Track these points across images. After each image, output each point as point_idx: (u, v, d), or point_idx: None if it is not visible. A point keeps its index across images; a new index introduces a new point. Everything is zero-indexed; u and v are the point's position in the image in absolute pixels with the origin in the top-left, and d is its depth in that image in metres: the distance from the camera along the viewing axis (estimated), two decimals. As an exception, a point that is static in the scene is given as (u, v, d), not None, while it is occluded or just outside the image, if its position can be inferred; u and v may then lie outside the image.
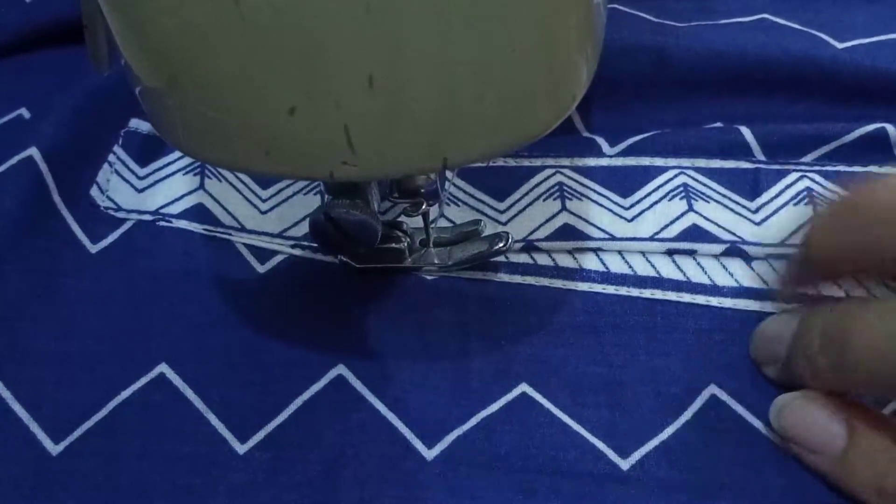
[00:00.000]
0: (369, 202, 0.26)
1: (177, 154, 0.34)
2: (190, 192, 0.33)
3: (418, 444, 0.27)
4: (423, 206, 0.28)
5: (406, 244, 0.30)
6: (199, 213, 0.32)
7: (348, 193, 0.25)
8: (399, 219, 0.31)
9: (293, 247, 0.32)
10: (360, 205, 0.25)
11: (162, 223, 0.32)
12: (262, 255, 0.32)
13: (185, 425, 0.28)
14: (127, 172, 0.34)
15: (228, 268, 0.31)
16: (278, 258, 0.31)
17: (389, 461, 0.27)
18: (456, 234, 0.30)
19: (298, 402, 0.28)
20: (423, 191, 0.27)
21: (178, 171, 0.34)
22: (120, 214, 0.33)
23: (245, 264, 0.31)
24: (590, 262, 0.30)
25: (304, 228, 0.32)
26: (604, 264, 0.30)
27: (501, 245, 0.29)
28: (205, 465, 0.27)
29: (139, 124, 0.35)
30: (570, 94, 0.23)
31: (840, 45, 0.33)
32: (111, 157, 0.34)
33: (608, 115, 0.34)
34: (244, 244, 0.32)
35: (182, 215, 0.32)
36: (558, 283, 0.30)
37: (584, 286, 0.30)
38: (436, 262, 0.30)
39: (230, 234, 0.32)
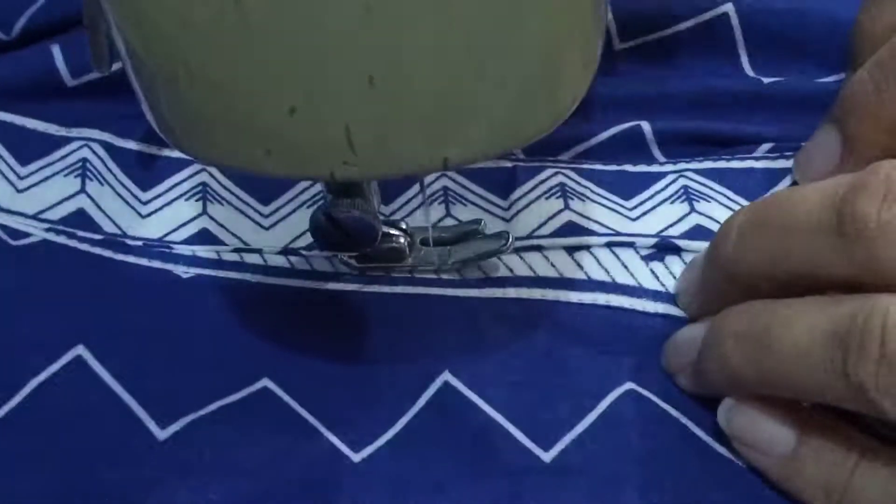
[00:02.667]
0: (370, 202, 0.26)
1: None
2: None
3: (151, 425, 0.27)
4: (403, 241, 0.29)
5: (406, 243, 0.30)
6: None
7: (349, 193, 0.26)
8: (399, 218, 0.31)
9: (47, 230, 0.32)
10: (360, 204, 0.25)
11: None
12: (17, 234, 0.32)
13: None
14: None
15: None
16: (32, 239, 0.32)
17: (121, 441, 0.27)
18: (456, 234, 0.30)
19: (34, 383, 0.28)
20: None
21: None
22: None
23: None
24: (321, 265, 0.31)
25: (60, 211, 0.32)
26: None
27: (502, 244, 0.29)
28: None
29: None
30: (571, 94, 0.23)
31: None
32: None
33: None
34: None
35: None
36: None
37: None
38: (436, 261, 0.30)
39: None
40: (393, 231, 0.30)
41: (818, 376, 0.22)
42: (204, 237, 0.32)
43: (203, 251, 0.31)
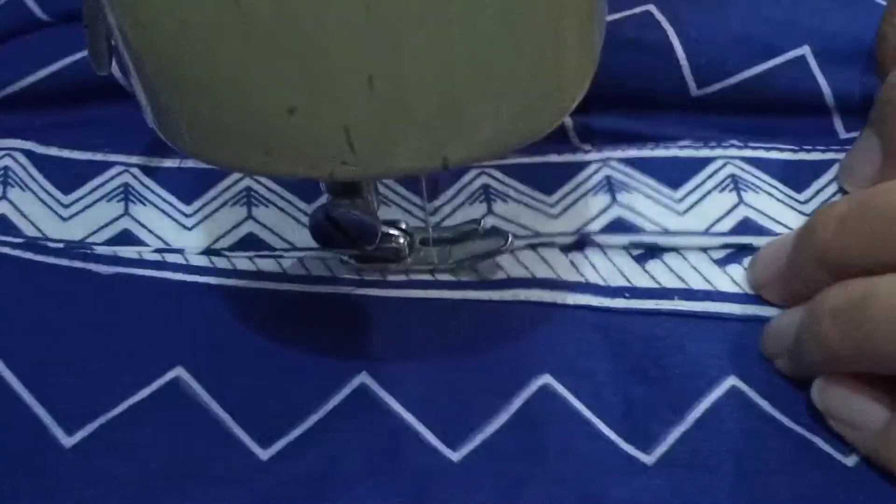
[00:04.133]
0: (369, 202, 0.26)
1: None
2: None
3: (58, 432, 0.27)
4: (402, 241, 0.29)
5: (406, 243, 0.30)
6: None
7: (348, 193, 0.25)
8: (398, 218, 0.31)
9: None
10: (359, 204, 0.25)
11: None
12: None
13: None
14: None
15: None
16: None
17: (27, 450, 0.27)
18: (456, 233, 0.30)
19: None
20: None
21: None
22: None
23: None
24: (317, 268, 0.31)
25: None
26: (305, 268, 0.31)
27: (502, 244, 0.29)
28: None
29: None
30: (571, 94, 0.23)
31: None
32: None
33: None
34: None
35: None
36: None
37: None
38: (435, 260, 0.30)
39: None
40: (392, 231, 0.30)
41: None
42: (125, 238, 0.32)
43: (124, 252, 0.31)
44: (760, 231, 0.30)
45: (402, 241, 0.30)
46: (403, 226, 0.30)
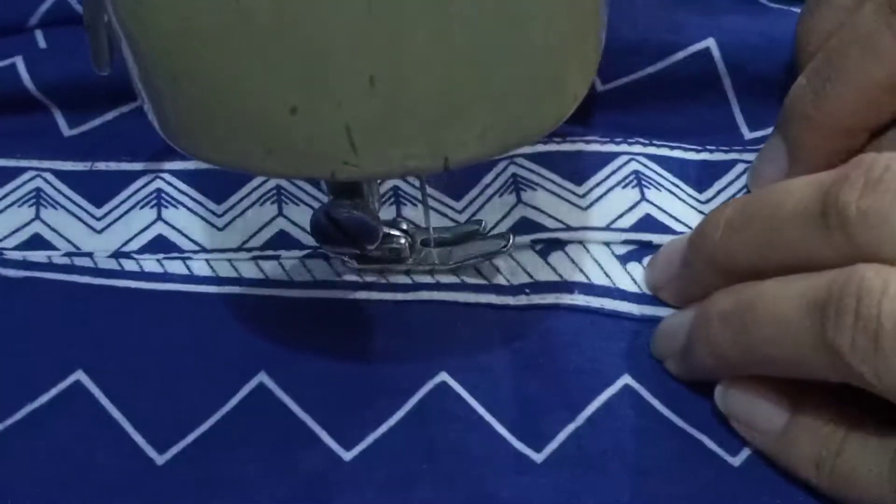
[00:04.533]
0: (370, 202, 0.26)
1: None
2: None
3: None
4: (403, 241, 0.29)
5: (407, 244, 0.30)
6: None
7: (349, 193, 0.25)
8: (399, 218, 0.31)
9: None
10: (360, 204, 0.25)
11: None
12: None
13: None
14: None
15: None
16: None
17: None
18: (457, 234, 0.30)
19: None
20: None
21: None
22: None
23: None
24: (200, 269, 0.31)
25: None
26: (213, 269, 0.31)
27: (503, 245, 0.29)
28: None
29: None
30: (572, 93, 0.23)
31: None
32: None
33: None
34: None
35: None
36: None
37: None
38: (436, 261, 0.30)
39: None
40: (394, 231, 0.30)
41: (800, 348, 0.22)
42: (37, 242, 0.32)
43: (34, 256, 0.32)
44: (661, 229, 0.30)
45: (402, 241, 0.30)
46: (404, 226, 0.30)
